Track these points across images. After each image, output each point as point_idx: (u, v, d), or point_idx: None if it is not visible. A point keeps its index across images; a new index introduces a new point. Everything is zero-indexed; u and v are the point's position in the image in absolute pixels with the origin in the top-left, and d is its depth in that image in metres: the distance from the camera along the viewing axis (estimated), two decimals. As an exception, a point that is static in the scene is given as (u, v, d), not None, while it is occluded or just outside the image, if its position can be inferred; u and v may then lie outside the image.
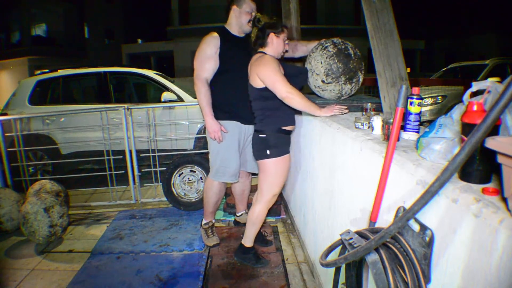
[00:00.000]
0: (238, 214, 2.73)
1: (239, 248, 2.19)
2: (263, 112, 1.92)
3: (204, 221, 2.52)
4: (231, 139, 2.24)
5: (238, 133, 2.27)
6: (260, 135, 1.94)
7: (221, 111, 2.20)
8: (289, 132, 2.00)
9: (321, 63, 1.90)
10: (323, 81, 1.91)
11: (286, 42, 1.96)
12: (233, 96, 2.19)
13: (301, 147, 2.30)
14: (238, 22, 2.19)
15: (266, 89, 1.85)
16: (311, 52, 2.02)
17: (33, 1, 14.83)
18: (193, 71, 2.19)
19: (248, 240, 2.15)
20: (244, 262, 2.17)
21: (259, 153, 1.97)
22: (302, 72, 2.09)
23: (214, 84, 2.20)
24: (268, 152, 1.91)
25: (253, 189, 3.08)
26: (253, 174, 2.95)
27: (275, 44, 1.90)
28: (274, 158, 1.92)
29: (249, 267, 2.16)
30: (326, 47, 1.93)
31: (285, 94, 1.77)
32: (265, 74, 1.80)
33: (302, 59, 2.24)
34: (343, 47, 1.91)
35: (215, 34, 2.15)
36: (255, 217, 2.07)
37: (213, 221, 2.54)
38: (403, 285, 0.84)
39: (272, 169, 1.95)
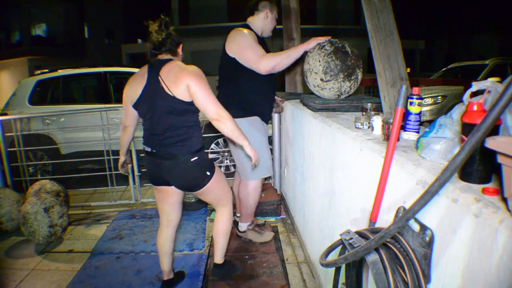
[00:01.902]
0: (238, 215, 2.72)
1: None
2: (188, 129, 1.68)
3: (246, 224, 2.50)
4: (261, 133, 2.29)
5: (263, 125, 2.34)
6: (192, 159, 1.69)
7: (242, 108, 2.21)
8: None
9: (319, 61, 1.91)
10: (322, 79, 1.92)
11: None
12: (260, 93, 2.24)
13: (301, 147, 2.30)
14: (265, 25, 2.27)
15: (192, 103, 1.64)
16: (309, 52, 2.03)
17: (33, 1, 14.82)
18: (248, 63, 2.09)
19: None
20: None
21: (202, 179, 1.75)
22: None
23: (240, 80, 2.19)
24: (208, 172, 1.76)
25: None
26: None
27: (180, 56, 1.77)
28: (215, 172, 1.80)
29: (248, 267, 2.16)
30: (323, 46, 1.94)
31: (217, 117, 1.60)
32: (204, 91, 1.59)
33: (300, 61, 2.24)
34: (340, 45, 1.93)
35: (247, 30, 2.16)
36: (228, 228, 2.02)
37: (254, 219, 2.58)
38: (403, 285, 0.84)
39: (218, 182, 1.83)
